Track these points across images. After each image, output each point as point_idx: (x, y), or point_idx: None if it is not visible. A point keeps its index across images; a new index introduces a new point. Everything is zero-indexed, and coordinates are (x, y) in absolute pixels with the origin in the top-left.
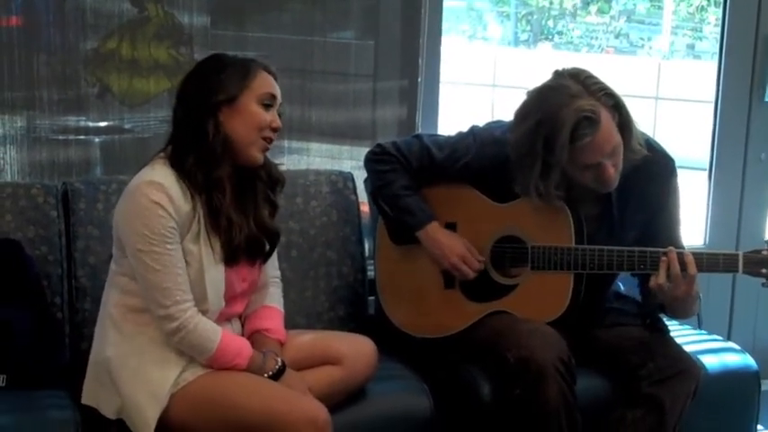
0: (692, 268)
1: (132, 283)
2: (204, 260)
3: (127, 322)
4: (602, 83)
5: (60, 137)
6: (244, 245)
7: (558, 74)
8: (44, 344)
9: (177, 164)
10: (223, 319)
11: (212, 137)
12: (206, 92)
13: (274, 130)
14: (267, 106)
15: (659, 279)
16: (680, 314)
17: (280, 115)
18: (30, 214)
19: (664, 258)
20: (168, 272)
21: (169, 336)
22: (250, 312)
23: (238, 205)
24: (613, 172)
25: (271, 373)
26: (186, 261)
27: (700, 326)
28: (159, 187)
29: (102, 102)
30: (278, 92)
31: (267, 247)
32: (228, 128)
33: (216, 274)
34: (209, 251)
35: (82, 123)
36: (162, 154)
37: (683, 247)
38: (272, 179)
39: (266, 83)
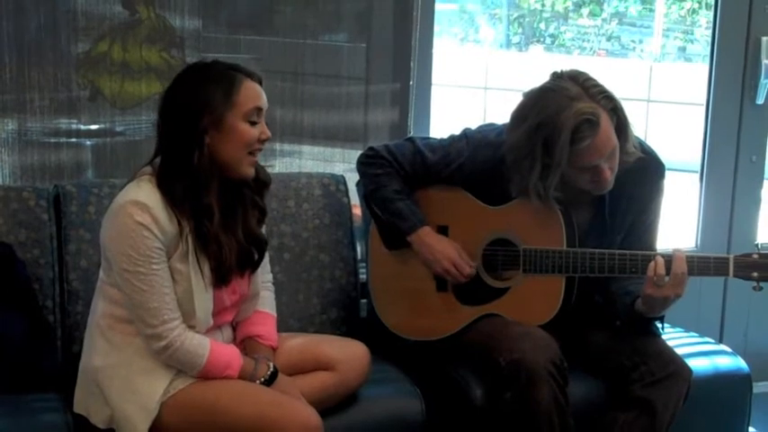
0: (679, 267)
1: (120, 293)
2: (193, 282)
3: (115, 332)
4: (601, 85)
5: (52, 140)
6: (234, 263)
7: (556, 76)
8: (36, 347)
9: (164, 188)
10: (213, 327)
11: (199, 162)
12: (189, 114)
13: (263, 141)
14: (254, 122)
15: (658, 268)
16: (656, 311)
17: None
18: (21, 217)
19: (661, 260)
20: (155, 292)
21: (157, 354)
22: (242, 318)
23: (226, 218)
24: (609, 174)
25: (263, 379)
26: (174, 279)
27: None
28: (144, 208)
29: (94, 105)
30: (264, 100)
31: (256, 256)
32: (216, 149)
33: (205, 297)
34: (198, 274)
35: (73, 126)
36: (149, 169)
37: (654, 251)
38: (258, 183)
39: (252, 95)
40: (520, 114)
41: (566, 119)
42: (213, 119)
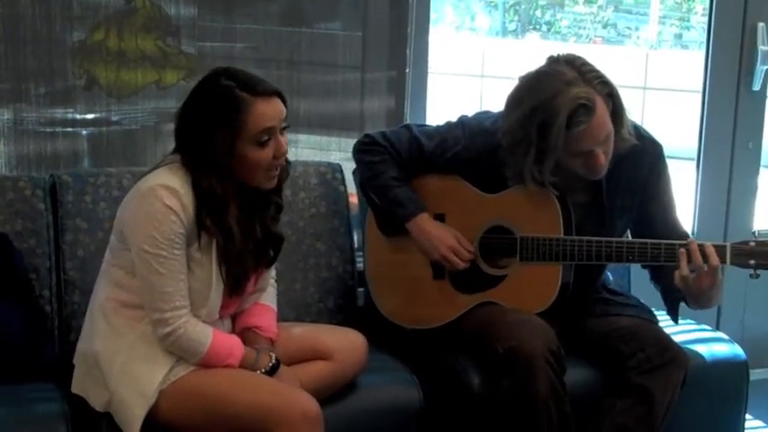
0: (714, 259)
1: (128, 277)
2: (213, 278)
3: (118, 317)
4: (598, 70)
5: (48, 129)
6: (252, 268)
7: (553, 60)
8: (33, 337)
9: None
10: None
11: (214, 189)
12: (199, 141)
13: (279, 157)
14: (265, 141)
15: (682, 271)
16: (704, 304)
17: (286, 126)
18: (17, 207)
19: (682, 250)
20: (172, 277)
21: (161, 339)
22: (242, 309)
23: (244, 223)
24: (604, 160)
25: (263, 370)
26: (189, 267)
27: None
28: (175, 193)
29: (90, 94)
30: (277, 116)
31: (271, 253)
32: (232, 171)
33: (219, 290)
34: (219, 276)
35: (69, 116)
36: (178, 156)
37: (682, 229)
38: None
39: (259, 117)
40: (515, 98)
41: (561, 103)
42: (224, 147)
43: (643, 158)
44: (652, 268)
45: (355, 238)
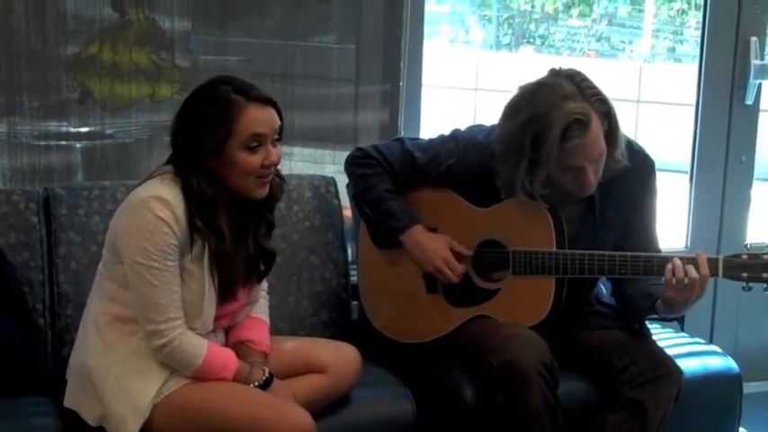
0: (704, 269)
1: (120, 290)
2: (206, 287)
3: (112, 331)
4: (597, 88)
5: (41, 142)
6: (243, 277)
7: (554, 72)
8: (26, 350)
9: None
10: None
11: (204, 190)
12: (190, 142)
13: (268, 166)
14: (255, 147)
15: (679, 283)
16: (678, 312)
17: (279, 138)
18: (11, 220)
19: (677, 261)
20: (165, 288)
21: (155, 351)
22: (234, 322)
23: (237, 235)
24: (593, 178)
25: (257, 383)
26: (183, 278)
27: (682, 329)
28: (167, 204)
29: (84, 107)
30: (269, 124)
31: (262, 267)
32: (221, 175)
33: (212, 301)
34: (211, 285)
35: (63, 129)
36: (171, 167)
37: (657, 248)
38: (266, 197)
39: (250, 121)
40: (513, 107)
41: (557, 116)
42: (212, 148)
43: (635, 173)
44: (616, 281)
45: (349, 251)
